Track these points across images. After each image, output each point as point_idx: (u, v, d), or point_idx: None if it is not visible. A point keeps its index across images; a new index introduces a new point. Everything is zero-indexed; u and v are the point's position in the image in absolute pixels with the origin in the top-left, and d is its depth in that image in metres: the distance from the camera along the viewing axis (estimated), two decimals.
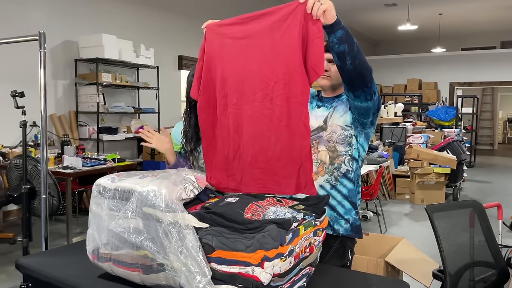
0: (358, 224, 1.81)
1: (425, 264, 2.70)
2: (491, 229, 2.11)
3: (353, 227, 1.80)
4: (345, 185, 1.79)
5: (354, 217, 1.80)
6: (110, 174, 1.53)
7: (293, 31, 1.41)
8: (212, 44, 1.61)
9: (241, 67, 1.52)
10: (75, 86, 5.55)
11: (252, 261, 1.19)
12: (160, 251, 1.30)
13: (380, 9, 10.86)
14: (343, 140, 1.78)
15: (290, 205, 1.42)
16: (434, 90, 12.47)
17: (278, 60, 1.45)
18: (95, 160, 4.26)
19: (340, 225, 1.80)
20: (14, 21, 4.84)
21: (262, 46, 1.48)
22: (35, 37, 2.43)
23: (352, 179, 1.79)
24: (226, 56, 1.56)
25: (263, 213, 1.34)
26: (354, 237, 1.81)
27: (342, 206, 1.79)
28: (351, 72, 1.56)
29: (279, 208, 1.38)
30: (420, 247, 3.05)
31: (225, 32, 1.58)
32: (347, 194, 1.79)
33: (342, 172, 1.78)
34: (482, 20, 11.88)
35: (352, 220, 1.80)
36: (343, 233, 1.79)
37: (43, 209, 2.55)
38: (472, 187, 7.60)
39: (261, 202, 1.41)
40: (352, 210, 1.79)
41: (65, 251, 1.95)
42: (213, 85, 1.60)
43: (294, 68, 1.42)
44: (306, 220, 1.35)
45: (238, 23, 1.56)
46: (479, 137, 14.54)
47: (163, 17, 6.88)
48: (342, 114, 1.79)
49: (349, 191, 1.79)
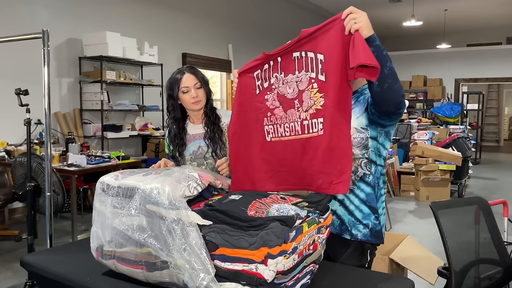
0: (379, 229, 1.74)
1: (430, 261, 2.69)
2: (496, 227, 2.09)
3: (373, 232, 1.73)
4: (362, 189, 1.72)
5: (374, 222, 1.73)
6: (113, 172, 1.53)
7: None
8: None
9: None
10: (80, 84, 5.56)
11: (256, 258, 1.19)
12: (164, 249, 1.30)
13: (385, 5, 10.81)
14: (359, 143, 1.71)
15: (293, 202, 1.42)
16: (439, 87, 12.41)
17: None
18: (100, 158, 4.28)
19: (358, 230, 1.73)
20: (19, 20, 4.86)
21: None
22: (38, 35, 2.43)
23: (370, 182, 1.72)
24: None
25: (267, 210, 1.34)
26: (374, 242, 1.75)
27: (360, 211, 1.73)
28: (377, 94, 1.53)
29: (283, 205, 1.37)
30: (425, 244, 3.04)
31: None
32: (365, 199, 1.72)
33: (359, 176, 1.72)
34: (487, 16, 11.80)
35: (372, 225, 1.73)
36: (361, 238, 1.73)
37: (47, 206, 2.56)
38: (477, 184, 7.56)
39: (264, 200, 1.40)
40: (371, 215, 1.72)
41: (70, 248, 1.96)
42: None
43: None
44: (310, 218, 1.35)
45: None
46: (485, 133, 14.45)
47: (167, 14, 6.88)
48: (358, 116, 1.71)
49: (367, 196, 1.72)
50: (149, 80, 6.19)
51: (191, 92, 1.96)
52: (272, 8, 9.50)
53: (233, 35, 8.34)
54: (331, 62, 1.51)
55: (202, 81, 2.00)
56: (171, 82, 1.98)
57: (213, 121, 2.02)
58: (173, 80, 1.97)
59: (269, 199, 1.42)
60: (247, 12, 8.78)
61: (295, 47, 1.61)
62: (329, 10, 11.16)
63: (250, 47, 8.84)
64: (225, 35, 8.12)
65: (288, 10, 9.97)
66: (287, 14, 9.94)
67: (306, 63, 1.58)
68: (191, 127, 2.06)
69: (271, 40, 9.50)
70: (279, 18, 9.75)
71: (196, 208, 1.36)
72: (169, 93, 2.00)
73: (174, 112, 2.03)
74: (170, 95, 2.00)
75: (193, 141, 2.04)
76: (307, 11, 10.66)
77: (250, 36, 8.89)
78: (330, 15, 1.53)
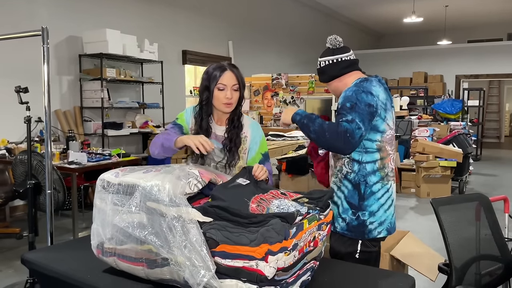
0: (355, 224, 1.85)
1: (430, 257, 2.69)
2: (497, 223, 2.09)
3: (349, 227, 1.86)
4: (346, 186, 1.87)
5: (351, 217, 1.85)
6: (114, 169, 1.53)
7: None
8: None
9: None
10: (80, 82, 5.55)
11: (256, 255, 1.19)
12: (164, 246, 1.30)
13: (385, 1, 10.78)
14: None
15: (293, 198, 1.42)
16: (440, 83, 12.38)
17: None
18: (100, 155, 4.28)
19: (337, 223, 1.89)
20: (19, 17, 4.85)
21: None
22: (38, 33, 2.43)
23: (351, 180, 1.85)
24: None
25: (267, 206, 1.33)
26: (351, 236, 1.86)
27: (341, 205, 1.88)
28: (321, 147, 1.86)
29: (283, 201, 1.37)
30: (426, 241, 3.04)
31: None
32: (347, 195, 1.87)
33: (343, 174, 1.87)
34: (488, 12, 11.76)
35: (349, 220, 1.86)
36: (339, 231, 1.89)
37: (48, 204, 2.56)
38: (478, 181, 7.56)
39: (265, 195, 1.40)
40: (349, 210, 1.85)
41: (70, 246, 1.96)
42: None
43: None
44: (310, 214, 1.35)
45: None
46: (486, 130, 14.44)
47: (167, 11, 6.86)
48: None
49: (349, 192, 1.86)
50: (149, 78, 6.18)
51: (226, 92, 1.84)
52: (273, 5, 9.48)
53: (233, 32, 8.33)
54: None
55: (241, 84, 1.89)
56: (210, 75, 1.86)
57: (236, 131, 1.91)
58: (212, 74, 1.85)
59: (270, 194, 1.42)
60: (248, 8, 8.76)
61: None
62: (330, 6, 11.14)
63: (250, 44, 8.83)
64: (225, 32, 8.11)
65: (288, 6, 9.94)
66: (287, 11, 9.92)
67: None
68: (214, 125, 1.95)
69: (271, 37, 9.49)
70: (280, 15, 9.73)
71: (196, 205, 1.36)
72: (206, 84, 1.86)
73: (207, 106, 1.89)
74: (207, 87, 1.86)
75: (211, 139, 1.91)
76: (307, 8, 10.64)
77: (250, 33, 8.87)
78: (331, 12, 1.53)
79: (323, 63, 1.98)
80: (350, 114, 1.73)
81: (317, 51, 2.12)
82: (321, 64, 1.99)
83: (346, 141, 1.68)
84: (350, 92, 1.81)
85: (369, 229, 1.85)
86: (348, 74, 1.93)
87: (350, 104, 1.76)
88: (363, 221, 1.85)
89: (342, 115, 1.75)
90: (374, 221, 1.86)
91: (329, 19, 11.69)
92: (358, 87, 1.82)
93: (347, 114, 1.73)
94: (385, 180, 1.89)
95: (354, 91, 1.80)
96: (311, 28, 10.68)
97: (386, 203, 1.91)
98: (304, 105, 7.44)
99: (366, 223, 1.85)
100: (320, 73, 2.02)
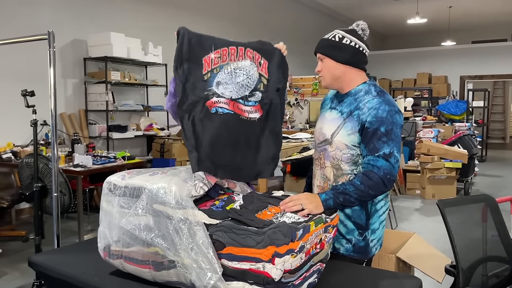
0: (362, 245, 1.71)
1: (437, 259, 2.68)
2: (504, 224, 2.08)
3: (356, 248, 1.71)
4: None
5: (357, 238, 1.70)
6: (120, 172, 1.53)
7: None
8: None
9: None
10: (85, 85, 5.58)
11: (263, 257, 1.19)
12: (171, 248, 1.30)
13: (389, 2, 10.76)
14: (349, 159, 1.66)
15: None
16: (444, 84, 12.35)
17: None
18: (105, 158, 4.29)
19: (341, 244, 1.73)
20: (24, 21, 4.88)
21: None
22: (44, 37, 2.44)
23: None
24: None
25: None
26: (357, 258, 1.72)
27: (344, 225, 1.71)
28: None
29: (287, 213, 1.37)
30: (432, 242, 3.03)
31: None
32: (350, 214, 1.70)
33: None
34: (492, 13, 11.72)
35: (355, 241, 1.71)
36: (343, 253, 1.73)
37: (54, 207, 2.57)
38: (483, 182, 7.52)
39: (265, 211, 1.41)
40: (355, 230, 1.70)
41: (77, 248, 1.97)
42: None
43: None
44: (317, 217, 1.35)
45: None
46: (491, 131, 14.37)
47: (171, 14, 6.88)
48: (350, 133, 1.65)
49: (353, 211, 1.69)
50: (153, 80, 6.20)
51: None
52: (276, 7, 9.49)
53: (238, 34, 8.34)
54: None
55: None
56: None
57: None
58: None
59: (270, 210, 1.41)
60: (252, 11, 8.78)
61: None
62: (333, 8, 11.14)
63: None
64: (229, 34, 8.09)
65: (291, 8, 9.95)
66: (290, 13, 9.92)
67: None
68: None
69: (275, 39, 9.45)
70: (283, 17, 9.74)
71: (202, 207, 1.36)
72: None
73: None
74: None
75: None
76: (310, 9, 10.64)
77: (256, 35, 8.87)
78: (334, 13, 1.52)
79: (347, 40, 1.67)
80: (387, 144, 1.55)
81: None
82: (344, 40, 1.67)
83: (389, 184, 1.56)
84: (382, 111, 1.58)
85: (370, 247, 1.74)
86: (361, 71, 1.73)
87: (386, 130, 1.56)
88: (369, 240, 1.72)
89: (377, 146, 1.55)
90: (374, 239, 1.75)
91: (332, 21, 11.68)
92: (388, 104, 1.61)
93: (384, 145, 1.55)
94: (387, 197, 1.77)
95: (388, 111, 1.58)
96: (314, 30, 10.67)
97: (385, 219, 1.80)
98: (308, 106, 7.43)
99: (369, 242, 1.73)
100: (335, 47, 1.68)
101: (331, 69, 1.71)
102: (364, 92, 1.68)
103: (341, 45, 1.68)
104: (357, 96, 1.69)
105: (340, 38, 1.68)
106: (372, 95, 1.66)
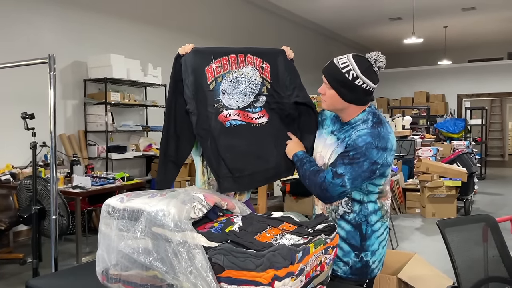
0: (359, 266, 1.72)
1: (438, 280, 2.66)
2: (505, 244, 2.07)
3: (353, 270, 1.73)
4: (343, 227, 1.71)
5: (354, 260, 1.72)
6: (119, 194, 1.53)
7: None
8: None
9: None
10: (84, 106, 5.61)
11: (263, 280, 1.18)
12: (170, 271, 1.29)
13: (385, 23, 10.92)
14: None
15: (293, 230, 1.39)
16: (442, 102, 12.43)
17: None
18: (104, 179, 4.28)
19: (338, 266, 1.75)
20: (24, 43, 4.93)
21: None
22: (44, 60, 2.47)
23: (351, 220, 1.70)
24: None
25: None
26: (356, 280, 1.73)
27: (340, 248, 1.72)
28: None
29: (286, 235, 1.35)
30: (433, 263, 3.00)
31: None
32: (345, 236, 1.71)
33: (339, 214, 1.72)
34: (487, 32, 11.89)
35: (352, 263, 1.72)
36: (341, 275, 1.74)
37: (53, 230, 2.55)
38: (483, 200, 7.50)
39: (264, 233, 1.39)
40: (351, 252, 1.72)
41: (75, 272, 1.94)
42: None
43: None
44: (316, 238, 1.34)
45: None
46: (489, 148, 14.40)
47: (170, 36, 6.97)
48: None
49: (347, 233, 1.71)
50: (153, 101, 6.24)
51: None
52: (275, 28, 9.61)
53: None
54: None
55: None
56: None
57: None
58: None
59: (270, 232, 1.40)
60: (250, 31, 8.88)
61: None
62: (330, 29, 11.29)
63: None
64: None
65: (290, 29, 10.08)
66: (288, 34, 10.04)
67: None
68: None
69: None
70: (282, 38, 9.85)
71: (201, 230, 1.35)
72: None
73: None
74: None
75: None
76: (308, 30, 10.79)
77: None
78: (331, 34, 1.55)
79: (359, 81, 1.63)
80: (345, 166, 1.59)
81: (318, 73, 1.95)
82: (357, 81, 1.63)
83: (320, 193, 1.65)
84: (361, 141, 1.60)
85: (371, 268, 1.75)
86: (364, 106, 1.73)
87: (353, 156, 1.59)
88: (366, 261, 1.73)
89: (337, 162, 1.62)
90: (375, 260, 1.75)
91: (329, 41, 11.83)
92: (373, 137, 1.61)
93: (342, 166, 1.59)
94: (384, 218, 1.77)
95: (366, 143, 1.59)
96: (310, 50, 10.79)
97: (385, 239, 1.80)
98: None
99: (369, 263, 1.74)
100: (346, 86, 1.64)
101: (335, 102, 1.71)
102: (362, 121, 1.70)
103: (353, 85, 1.63)
104: (355, 125, 1.71)
105: (354, 77, 1.62)
106: (367, 125, 1.66)
